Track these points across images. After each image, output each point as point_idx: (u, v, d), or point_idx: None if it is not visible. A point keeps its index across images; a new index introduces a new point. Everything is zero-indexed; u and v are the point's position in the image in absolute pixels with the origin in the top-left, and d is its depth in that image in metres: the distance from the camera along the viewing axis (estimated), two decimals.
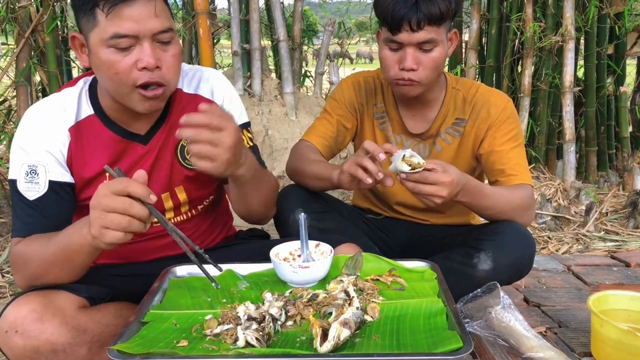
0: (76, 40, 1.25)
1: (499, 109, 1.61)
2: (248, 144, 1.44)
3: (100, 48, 1.19)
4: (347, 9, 4.76)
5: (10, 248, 1.29)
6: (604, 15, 3.54)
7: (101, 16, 1.16)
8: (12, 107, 3.20)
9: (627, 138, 3.79)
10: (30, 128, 1.30)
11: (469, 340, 0.95)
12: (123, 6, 1.16)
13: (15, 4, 2.76)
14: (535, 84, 3.54)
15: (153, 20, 1.19)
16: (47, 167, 1.27)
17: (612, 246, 2.60)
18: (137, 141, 1.36)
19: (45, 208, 1.27)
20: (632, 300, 1.48)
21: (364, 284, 1.21)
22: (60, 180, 1.29)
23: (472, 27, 3.55)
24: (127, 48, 1.19)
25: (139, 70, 1.20)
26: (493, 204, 1.49)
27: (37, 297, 1.17)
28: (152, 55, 1.19)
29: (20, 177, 1.27)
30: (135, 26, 1.17)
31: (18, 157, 1.29)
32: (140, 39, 1.18)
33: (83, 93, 1.34)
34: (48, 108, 1.32)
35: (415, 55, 1.48)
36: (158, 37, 1.21)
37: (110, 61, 1.19)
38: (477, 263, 1.46)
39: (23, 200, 1.27)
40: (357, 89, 1.76)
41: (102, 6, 1.16)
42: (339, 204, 1.80)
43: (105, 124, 1.33)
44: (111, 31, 1.16)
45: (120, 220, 1.01)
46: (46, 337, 1.14)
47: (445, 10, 1.44)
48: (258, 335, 0.97)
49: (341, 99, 1.76)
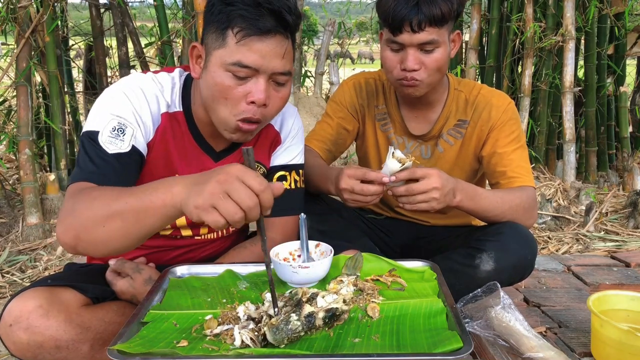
0: (195, 50, 1.25)
1: (501, 111, 1.61)
2: (291, 186, 1.46)
3: (219, 69, 1.19)
4: (347, 9, 4.77)
5: (67, 194, 1.13)
6: (604, 16, 3.54)
7: (231, 40, 1.16)
8: (12, 107, 3.21)
9: (627, 138, 3.79)
10: (130, 89, 1.25)
11: (469, 340, 0.94)
12: (256, 39, 1.16)
13: (15, 4, 2.76)
14: (536, 84, 3.55)
15: (278, 60, 1.19)
16: (135, 132, 1.22)
17: (612, 246, 2.60)
18: (209, 155, 1.37)
19: (120, 167, 1.19)
20: (632, 300, 1.48)
21: (364, 284, 1.21)
22: (139, 150, 1.24)
23: (472, 27, 3.55)
24: (244, 78, 1.19)
25: (247, 104, 1.20)
26: (492, 205, 1.48)
27: (43, 293, 1.17)
28: (265, 92, 1.20)
29: (105, 129, 1.20)
30: (260, 61, 1.17)
31: (107, 108, 1.22)
32: (259, 73, 1.19)
33: (177, 86, 1.33)
34: (150, 83, 1.28)
35: (416, 56, 1.48)
36: (276, 77, 1.21)
37: (225, 85, 1.19)
38: (479, 264, 1.45)
39: (99, 152, 1.18)
40: (359, 90, 1.75)
41: (235, 32, 1.16)
42: (339, 205, 1.79)
43: (189, 126, 1.33)
44: (236, 57, 1.17)
45: (235, 211, 0.92)
46: (51, 334, 1.14)
47: (447, 12, 1.43)
48: (253, 335, 0.97)
49: (342, 101, 1.75)
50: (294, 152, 1.47)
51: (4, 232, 2.76)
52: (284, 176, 1.46)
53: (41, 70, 2.94)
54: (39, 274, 2.35)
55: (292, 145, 1.47)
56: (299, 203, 1.48)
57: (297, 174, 1.49)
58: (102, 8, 3.39)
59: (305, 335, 1.00)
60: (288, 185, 1.46)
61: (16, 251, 2.56)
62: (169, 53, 3.19)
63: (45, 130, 3.53)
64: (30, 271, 2.37)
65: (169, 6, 3.49)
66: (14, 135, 2.90)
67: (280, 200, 1.42)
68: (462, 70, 3.62)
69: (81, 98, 3.80)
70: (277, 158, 1.46)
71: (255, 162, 1.05)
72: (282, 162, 1.46)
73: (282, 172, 1.46)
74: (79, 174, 1.17)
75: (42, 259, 2.47)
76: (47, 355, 1.15)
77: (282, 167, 1.46)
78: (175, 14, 3.50)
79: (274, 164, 1.46)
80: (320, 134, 1.74)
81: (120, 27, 3.37)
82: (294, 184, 1.47)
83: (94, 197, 1.05)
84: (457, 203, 1.40)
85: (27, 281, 2.28)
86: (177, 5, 3.60)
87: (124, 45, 3.39)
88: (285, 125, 1.46)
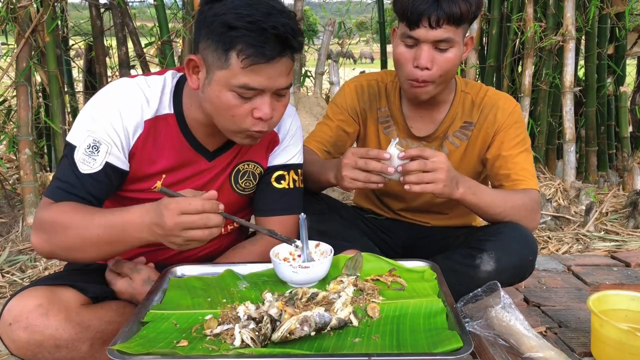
0: (192, 63, 1.24)
1: (507, 113, 1.60)
2: (290, 185, 1.47)
3: (223, 89, 1.19)
4: (347, 9, 4.76)
5: (40, 206, 1.25)
6: (605, 16, 3.54)
7: (236, 63, 1.16)
8: (12, 107, 3.21)
9: (627, 138, 3.79)
10: (110, 102, 1.28)
11: (469, 340, 0.95)
12: (263, 65, 1.16)
13: (15, 4, 2.76)
14: (536, 84, 3.54)
15: (283, 78, 1.22)
16: (110, 148, 1.26)
17: (612, 246, 2.60)
18: (203, 155, 1.37)
19: (90, 185, 1.25)
20: (632, 300, 1.48)
21: (364, 284, 1.21)
22: (115, 165, 1.27)
23: (472, 26, 3.55)
24: (250, 97, 1.20)
25: (254, 119, 1.22)
26: (495, 203, 1.47)
27: (43, 292, 1.18)
28: (270, 107, 1.22)
29: (80, 146, 1.25)
30: (266, 83, 1.19)
31: (86, 124, 1.26)
32: (265, 92, 1.21)
33: (168, 89, 1.33)
34: (133, 91, 1.29)
35: (430, 53, 1.46)
36: (279, 91, 1.23)
37: (230, 105, 1.21)
38: (479, 264, 1.45)
39: (73, 168, 1.24)
40: (360, 93, 1.74)
41: (241, 58, 1.15)
42: (339, 205, 1.80)
43: (181, 128, 1.33)
44: (242, 81, 1.17)
45: (201, 234, 1.08)
46: (50, 333, 1.14)
47: (465, 11, 1.43)
48: (253, 335, 0.97)
49: (342, 104, 1.74)
50: (293, 151, 1.47)
51: (4, 232, 2.76)
52: (283, 175, 1.46)
53: (41, 70, 2.94)
54: (39, 273, 2.34)
55: (291, 145, 1.47)
56: (298, 202, 1.48)
57: (296, 174, 1.49)
58: (102, 8, 3.38)
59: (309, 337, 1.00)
60: (287, 184, 1.47)
61: (16, 251, 2.56)
62: (169, 53, 3.18)
63: (45, 130, 3.53)
64: (30, 271, 2.37)
65: (169, 6, 3.49)
66: (14, 135, 2.89)
67: (279, 200, 1.43)
68: (462, 70, 3.62)
69: (81, 98, 3.80)
70: (276, 158, 1.46)
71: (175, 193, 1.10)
72: (280, 161, 1.46)
73: (281, 171, 1.46)
74: (51, 190, 1.26)
75: (42, 258, 2.46)
76: (47, 354, 1.15)
77: (281, 166, 1.46)
78: (175, 14, 3.50)
79: (273, 164, 1.46)
80: (320, 135, 1.73)
81: (120, 27, 3.36)
82: (292, 184, 1.47)
83: (66, 225, 1.17)
84: (459, 195, 1.40)
85: (27, 281, 2.28)
86: (177, 5, 3.59)
87: (124, 45, 3.38)
88: (283, 126, 1.46)
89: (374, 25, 4.43)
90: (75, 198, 1.23)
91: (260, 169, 1.45)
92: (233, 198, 1.45)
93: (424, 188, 1.33)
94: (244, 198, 1.48)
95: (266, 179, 1.46)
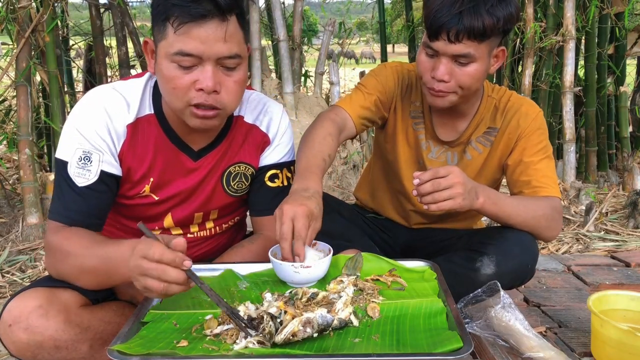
0: (148, 45, 1.25)
1: (530, 119, 1.56)
2: (284, 183, 1.46)
3: (164, 60, 1.18)
4: (347, 9, 4.76)
5: (48, 230, 1.26)
6: (605, 16, 3.54)
7: (170, 30, 1.15)
8: (12, 107, 3.21)
9: (627, 138, 3.79)
10: (91, 112, 1.27)
11: (469, 340, 0.94)
12: (192, 25, 1.14)
13: (15, 4, 2.76)
14: (536, 83, 3.55)
15: (220, 44, 1.16)
16: (101, 156, 1.26)
17: (612, 246, 2.60)
18: (187, 154, 1.36)
19: (91, 197, 1.25)
20: (632, 300, 1.48)
21: (364, 284, 1.21)
22: (109, 172, 1.27)
23: None
24: (190, 67, 1.18)
25: (196, 91, 1.19)
26: (515, 212, 1.43)
27: (43, 293, 1.18)
28: (212, 79, 1.18)
29: (72, 161, 1.24)
30: (201, 47, 1.15)
31: (72, 138, 1.26)
32: (204, 60, 1.17)
33: (147, 90, 1.33)
34: (112, 97, 1.29)
35: (449, 66, 1.40)
36: (223, 61, 1.19)
37: (171, 76, 1.18)
38: (480, 267, 1.44)
39: (70, 184, 1.24)
40: (400, 79, 1.64)
41: (172, 21, 1.15)
42: (339, 204, 1.79)
43: (163, 127, 1.33)
44: (177, 47, 1.16)
45: (157, 285, 1.00)
46: (50, 334, 1.14)
47: (490, 27, 1.34)
48: (260, 338, 0.97)
49: (384, 81, 1.62)
50: (284, 150, 1.47)
51: (4, 232, 2.76)
52: (276, 174, 1.46)
53: (41, 70, 2.94)
54: (39, 274, 2.34)
55: (282, 144, 1.46)
56: None
57: (289, 171, 1.49)
58: (102, 8, 3.38)
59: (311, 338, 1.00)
60: (280, 182, 1.46)
61: (16, 251, 2.56)
62: None
63: (45, 130, 3.53)
64: (30, 271, 2.37)
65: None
66: (14, 135, 2.90)
67: (274, 199, 1.43)
68: None
69: None
70: (268, 157, 1.46)
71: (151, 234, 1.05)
72: (272, 160, 1.46)
73: (274, 170, 1.46)
74: (55, 212, 1.26)
75: (42, 258, 2.46)
76: (47, 355, 1.15)
77: (274, 165, 1.46)
78: None
79: (265, 163, 1.46)
80: (358, 102, 1.58)
81: (120, 27, 3.37)
82: (286, 181, 1.47)
83: (68, 253, 1.19)
84: (480, 205, 1.35)
85: (27, 281, 2.28)
86: None
87: (124, 45, 3.39)
88: (272, 126, 1.45)
89: (374, 25, 4.43)
90: (79, 215, 1.24)
91: (252, 170, 1.45)
92: (226, 200, 1.45)
93: (441, 206, 1.28)
94: (237, 199, 1.47)
95: (260, 178, 1.46)
